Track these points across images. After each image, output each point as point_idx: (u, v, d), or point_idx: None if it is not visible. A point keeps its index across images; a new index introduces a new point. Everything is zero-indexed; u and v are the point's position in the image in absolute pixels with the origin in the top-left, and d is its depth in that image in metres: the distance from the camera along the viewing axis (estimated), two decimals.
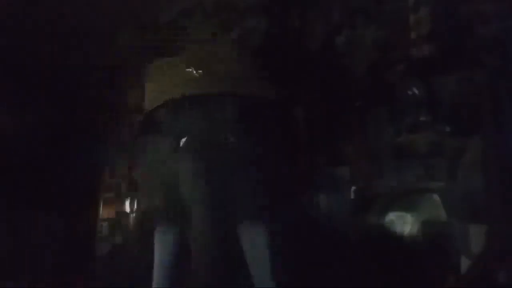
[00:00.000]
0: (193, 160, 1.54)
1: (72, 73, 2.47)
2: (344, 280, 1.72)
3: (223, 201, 1.55)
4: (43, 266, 2.47)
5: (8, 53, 2.31)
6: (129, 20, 2.13)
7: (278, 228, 1.57)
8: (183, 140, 1.56)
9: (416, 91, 1.88)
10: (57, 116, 2.60)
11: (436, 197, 1.80)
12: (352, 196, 1.98)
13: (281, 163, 1.68)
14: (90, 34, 2.25)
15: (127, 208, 2.58)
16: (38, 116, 2.58)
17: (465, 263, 1.69)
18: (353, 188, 1.98)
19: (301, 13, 2.12)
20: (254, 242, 1.55)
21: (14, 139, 2.52)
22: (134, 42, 2.05)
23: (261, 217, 1.56)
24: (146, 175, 1.77)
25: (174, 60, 1.67)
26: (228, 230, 1.56)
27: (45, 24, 2.25)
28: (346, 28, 2.06)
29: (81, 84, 2.55)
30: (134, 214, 2.53)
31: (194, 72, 1.60)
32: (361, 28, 2.03)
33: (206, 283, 1.53)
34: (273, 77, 1.73)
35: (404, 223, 1.85)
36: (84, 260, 2.50)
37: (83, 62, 2.41)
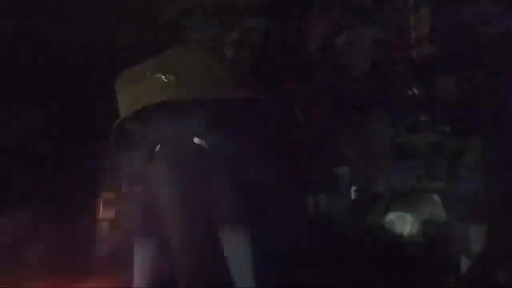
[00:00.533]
0: (169, 168, 1.50)
1: (72, 73, 2.47)
2: (344, 280, 1.72)
3: (202, 207, 1.51)
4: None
5: (8, 53, 2.31)
6: (129, 20, 2.13)
7: (259, 232, 1.53)
8: (157, 148, 1.52)
9: (416, 91, 1.88)
10: (56, 116, 2.60)
11: (436, 197, 1.80)
12: (352, 196, 1.98)
13: (263, 166, 1.64)
14: (90, 34, 2.25)
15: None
16: (38, 116, 2.58)
17: (465, 263, 1.69)
18: (353, 188, 1.98)
19: (301, 13, 2.13)
20: (235, 248, 1.51)
21: (13, 139, 2.52)
22: (134, 42, 2.05)
23: (241, 222, 1.52)
24: (123, 188, 1.74)
25: (144, 68, 1.60)
26: (208, 236, 1.52)
27: (45, 24, 2.25)
28: (346, 28, 2.06)
29: (81, 84, 2.55)
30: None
31: (163, 78, 1.53)
32: (361, 28, 2.04)
33: None
34: (274, 78, 1.72)
35: (404, 223, 1.85)
36: (84, 260, 2.50)
37: (83, 62, 2.41)
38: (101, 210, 2.70)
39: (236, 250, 1.50)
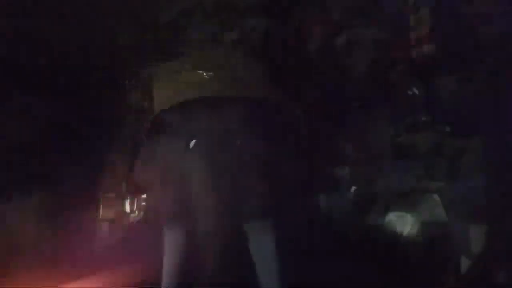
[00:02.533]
0: (202, 161, 1.56)
1: (72, 73, 2.47)
2: (344, 280, 1.72)
3: (231, 201, 1.56)
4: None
5: (8, 53, 2.31)
6: (129, 20, 2.13)
7: (284, 228, 1.57)
8: (193, 141, 1.57)
9: (416, 91, 1.88)
10: (57, 117, 2.60)
11: (436, 197, 1.80)
12: (352, 196, 1.98)
13: (288, 164, 1.68)
14: (90, 34, 2.25)
15: (127, 208, 2.57)
16: (38, 117, 2.58)
17: (465, 263, 1.69)
18: (353, 188, 1.98)
19: (301, 13, 2.12)
20: (261, 242, 1.56)
21: (13, 139, 2.52)
22: (134, 42, 2.05)
23: (268, 218, 1.57)
24: (156, 176, 1.78)
25: (181, 64, 1.68)
26: (235, 230, 1.57)
27: (45, 24, 2.25)
28: (346, 28, 2.06)
29: (81, 84, 2.55)
30: (136, 214, 2.53)
31: (205, 74, 1.61)
32: (361, 28, 2.04)
33: (213, 283, 1.55)
34: (275, 78, 1.74)
35: (404, 223, 1.85)
36: (84, 260, 2.49)
37: (83, 62, 2.41)
38: (101, 209, 2.70)
39: (262, 244, 1.56)
